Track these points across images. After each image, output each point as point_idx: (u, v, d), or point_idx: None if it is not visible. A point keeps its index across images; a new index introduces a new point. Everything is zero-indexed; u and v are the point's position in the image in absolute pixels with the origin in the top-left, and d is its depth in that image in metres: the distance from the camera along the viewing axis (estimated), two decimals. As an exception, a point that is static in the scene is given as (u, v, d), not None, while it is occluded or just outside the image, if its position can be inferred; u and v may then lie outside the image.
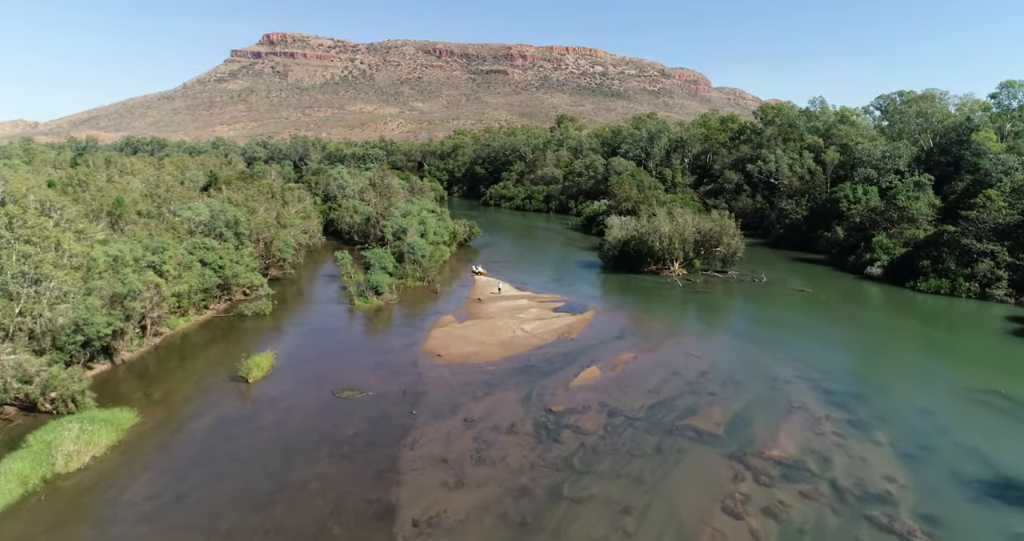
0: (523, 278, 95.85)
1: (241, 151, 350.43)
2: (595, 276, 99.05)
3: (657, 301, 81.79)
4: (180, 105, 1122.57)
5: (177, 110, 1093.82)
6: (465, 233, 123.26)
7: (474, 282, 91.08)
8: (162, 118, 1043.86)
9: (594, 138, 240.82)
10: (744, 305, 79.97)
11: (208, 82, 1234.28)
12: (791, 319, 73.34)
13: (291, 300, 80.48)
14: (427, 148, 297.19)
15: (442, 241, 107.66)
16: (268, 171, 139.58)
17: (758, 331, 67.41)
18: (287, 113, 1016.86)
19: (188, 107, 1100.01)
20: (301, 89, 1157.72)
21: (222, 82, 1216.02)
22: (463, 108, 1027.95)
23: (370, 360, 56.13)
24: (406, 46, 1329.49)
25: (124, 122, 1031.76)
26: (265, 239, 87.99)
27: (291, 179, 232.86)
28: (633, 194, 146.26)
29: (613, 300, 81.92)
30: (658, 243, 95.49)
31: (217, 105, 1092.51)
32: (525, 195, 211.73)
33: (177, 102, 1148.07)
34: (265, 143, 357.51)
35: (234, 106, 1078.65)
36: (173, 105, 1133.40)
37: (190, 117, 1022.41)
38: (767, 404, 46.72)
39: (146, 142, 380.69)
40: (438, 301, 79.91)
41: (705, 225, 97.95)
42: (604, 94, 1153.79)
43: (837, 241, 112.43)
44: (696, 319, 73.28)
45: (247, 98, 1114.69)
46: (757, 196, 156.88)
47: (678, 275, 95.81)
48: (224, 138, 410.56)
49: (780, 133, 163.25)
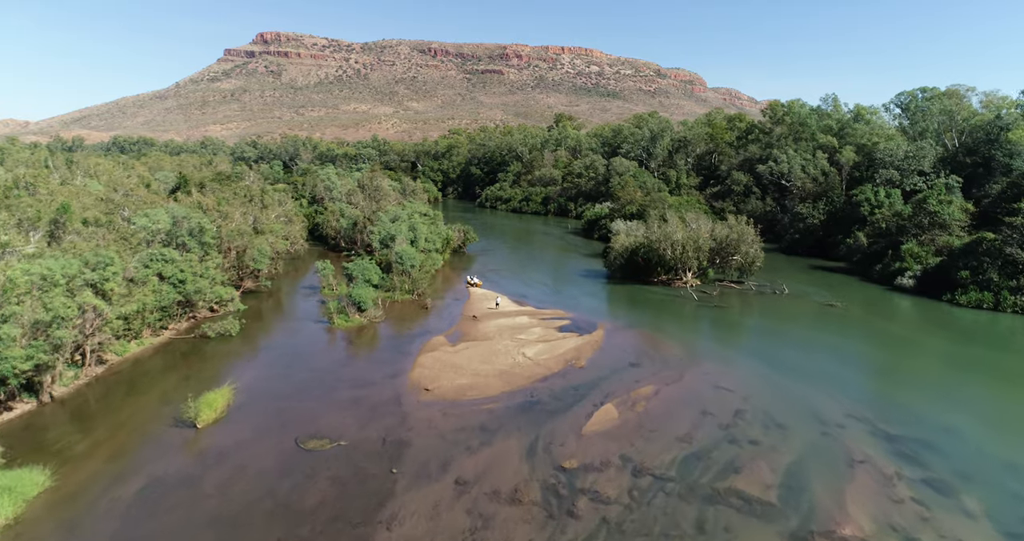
0: (522, 290, 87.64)
1: (230, 151, 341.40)
2: (601, 287, 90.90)
3: (671, 317, 73.64)
4: (172, 104, 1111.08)
5: (169, 109, 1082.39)
6: (459, 239, 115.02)
7: (469, 295, 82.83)
8: (154, 117, 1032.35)
9: (593, 138, 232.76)
10: (769, 322, 71.84)
11: (201, 81, 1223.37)
12: (825, 340, 65.22)
13: (265, 316, 72.05)
14: (421, 148, 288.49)
15: (434, 248, 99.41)
16: (246, 172, 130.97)
17: (791, 356, 59.27)
18: (281, 113, 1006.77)
19: (180, 106, 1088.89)
20: (295, 88, 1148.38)
21: (215, 81, 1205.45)
22: (458, 108, 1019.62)
23: (346, 395, 47.79)
24: (401, 45, 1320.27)
25: (116, 121, 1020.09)
26: (238, 248, 79.56)
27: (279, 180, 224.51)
28: (638, 197, 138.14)
29: (623, 316, 73.71)
30: (670, 251, 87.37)
31: (210, 104, 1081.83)
32: (522, 197, 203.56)
33: (169, 101, 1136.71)
34: (255, 143, 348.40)
35: (227, 105, 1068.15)
36: (165, 104, 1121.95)
37: (182, 116, 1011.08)
38: (822, 456, 38.57)
39: (133, 141, 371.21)
40: (429, 318, 71.60)
41: (721, 232, 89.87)
42: (600, 94, 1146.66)
43: (860, 248, 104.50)
44: (719, 340, 65.08)
45: (240, 97, 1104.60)
46: (767, 199, 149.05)
47: (691, 286, 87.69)
48: (214, 138, 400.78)
49: (791, 132, 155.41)
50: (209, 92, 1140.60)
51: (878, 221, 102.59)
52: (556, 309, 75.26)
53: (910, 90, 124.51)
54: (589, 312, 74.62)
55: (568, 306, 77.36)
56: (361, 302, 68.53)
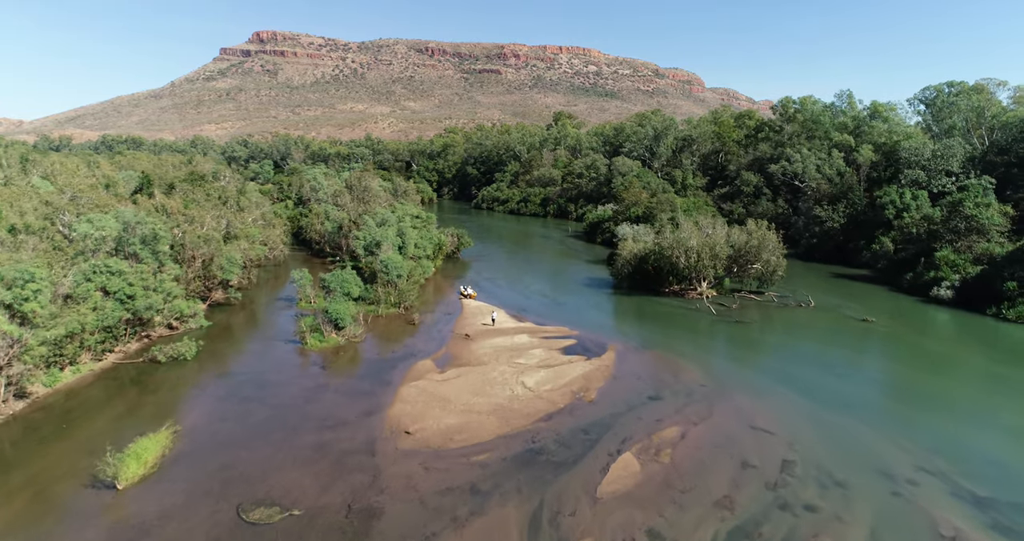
0: (521, 301, 79.53)
1: (221, 150, 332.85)
2: (607, 298, 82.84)
3: (688, 334, 65.55)
4: (167, 104, 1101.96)
5: (164, 109, 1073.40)
6: (452, 244, 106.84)
7: (462, 308, 74.65)
8: (149, 117, 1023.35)
9: (594, 137, 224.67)
10: (799, 341, 63.74)
11: (196, 80, 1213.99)
12: (867, 363, 57.21)
13: (231, 334, 63.80)
14: (416, 147, 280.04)
15: (425, 255, 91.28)
16: (223, 172, 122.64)
17: (832, 384, 51.18)
18: (276, 112, 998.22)
19: (175, 105, 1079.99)
20: (291, 88, 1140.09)
21: (211, 80, 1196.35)
22: (455, 108, 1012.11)
23: (310, 440, 39.61)
24: (398, 45, 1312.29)
25: (110, 121, 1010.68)
26: (204, 256, 71.30)
27: (269, 180, 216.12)
28: (643, 198, 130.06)
29: (634, 333, 65.57)
30: (683, 259, 79.31)
31: (205, 104, 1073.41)
32: (520, 198, 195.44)
33: (164, 101, 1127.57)
34: (246, 142, 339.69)
35: (222, 105, 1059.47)
36: (160, 104, 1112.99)
37: (177, 116, 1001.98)
38: (901, 531, 30.51)
39: (121, 140, 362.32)
40: (416, 336, 63.40)
41: (739, 238, 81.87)
42: (598, 94, 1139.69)
43: (885, 255, 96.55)
44: (745, 363, 56.92)
45: (236, 97, 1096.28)
46: (779, 200, 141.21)
47: (707, 298, 79.62)
48: (204, 136, 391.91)
49: (803, 131, 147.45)
50: (204, 91, 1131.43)
51: (907, 225, 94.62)
52: (559, 325, 67.13)
53: (936, 85, 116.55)
54: (596, 328, 66.53)
55: (572, 321, 69.24)
56: (338, 319, 60.34)
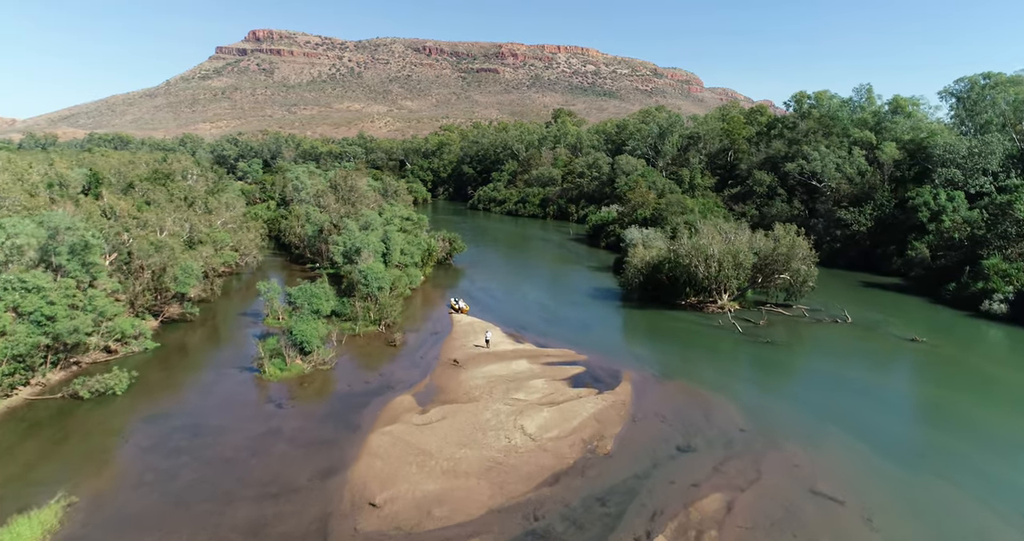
0: (519, 315, 70.36)
1: (210, 148, 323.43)
2: (615, 311, 73.75)
3: (714, 358, 56.42)
4: (162, 102, 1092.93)
5: (159, 108, 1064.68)
6: (444, 249, 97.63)
7: (451, 325, 65.41)
8: (143, 116, 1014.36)
9: (595, 134, 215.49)
10: (845, 367, 54.55)
11: (192, 79, 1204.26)
12: (934, 400, 48.02)
13: (179, 359, 54.49)
14: (410, 146, 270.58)
15: (412, 262, 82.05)
16: (191, 169, 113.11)
17: (899, 428, 42.05)
18: (272, 111, 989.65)
19: (170, 104, 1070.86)
20: (287, 87, 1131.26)
21: (206, 79, 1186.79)
22: (453, 107, 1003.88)
23: (243, 517, 30.36)
24: (395, 44, 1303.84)
25: (104, 120, 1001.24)
26: (156, 265, 62.03)
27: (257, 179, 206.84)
28: (651, 199, 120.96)
29: (651, 357, 56.41)
30: (703, 268, 70.17)
31: (200, 103, 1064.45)
32: (518, 198, 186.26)
33: (159, 99, 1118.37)
34: (236, 140, 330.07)
35: (218, 104, 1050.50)
36: (155, 102, 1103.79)
37: (172, 115, 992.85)
38: None
39: (108, 138, 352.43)
40: (396, 361, 54.16)
41: (765, 245, 72.76)
42: (596, 93, 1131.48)
43: (922, 262, 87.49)
44: (789, 398, 47.60)
45: (231, 96, 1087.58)
46: (794, 201, 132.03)
47: (730, 312, 70.48)
48: (193, 135, 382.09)
49: (820, 127, 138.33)
50: (200, 90, 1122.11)
51: (947, 230, 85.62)
52: (563, 347, 57.93)
53: (971, 75, 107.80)
54: (606, 350, 57.36)
55: (578, 341, 60.06)
56: (304, 341, 51.07)
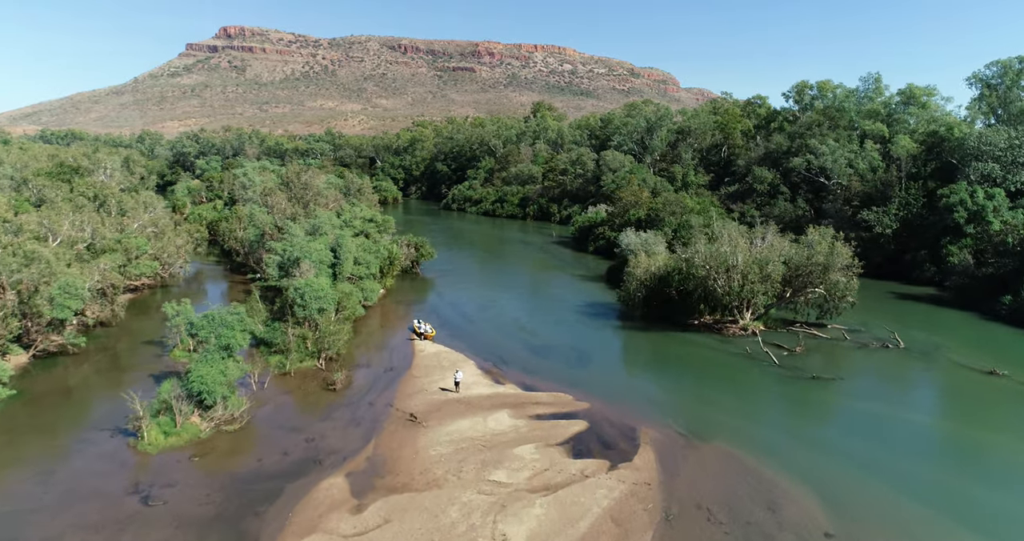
0: (497, 340, 56.84)
1: (170, 146, 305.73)
2: (615, 334, 60.61)
3: (755, 403, 43.39)
4: (129, 100, 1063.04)
5: (125, 105, 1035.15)
6: (409, 257, 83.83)
7: (412, 356, 51.63)
8: (108, 113, 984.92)
9: (577, 130, 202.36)
10: (931, 418, 41.73)
11: (161, 77, 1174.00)
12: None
13: (33, 416, 40.05)
14: (380, 142, 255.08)
15: (369, 274, 68.07)
16: (102, 163, 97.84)
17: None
18: (243, 109, 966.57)
19: (137, 102, 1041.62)
20: (259, 84, 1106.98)
21: (175, 76, 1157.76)
22: (429, 105, 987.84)
23: None
24: (370, 42, 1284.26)
25: (68, 117, 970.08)
26: (28, 284, 47.56)
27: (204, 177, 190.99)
28: (645, 198, 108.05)
29: (672, 402, 43.18)
30: (723, 281, 57.19)
31: (168, 100, 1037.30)
32: (496, 197, 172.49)
33: (126, 97, 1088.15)
34: (197, 136, 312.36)
35: (187, 101, 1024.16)
36: (121, 100, 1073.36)
37: (138, 112, 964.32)
38: None
39: (61, 135, 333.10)
40: (333, 414, 40.26)
41: (797, 254, 59.99)
42: (573, 93, 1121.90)
43: (966, 270, 75.44)
44: (881, 470, 34.35)
45: (201, 93, 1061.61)
46: (798, 200, 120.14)
47: (756, 334, 57.61)
48: (152, 131, 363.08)
49: (825, 119, 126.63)
50: (168, 87, 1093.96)
51: (997, 233, 73.66)
52: (555, 389, 44.46)
53: (1003, 59, 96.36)
54: (611, 392, 44.10)
55: (574, 379, 46.71)
56: (203, 392, 37.10)
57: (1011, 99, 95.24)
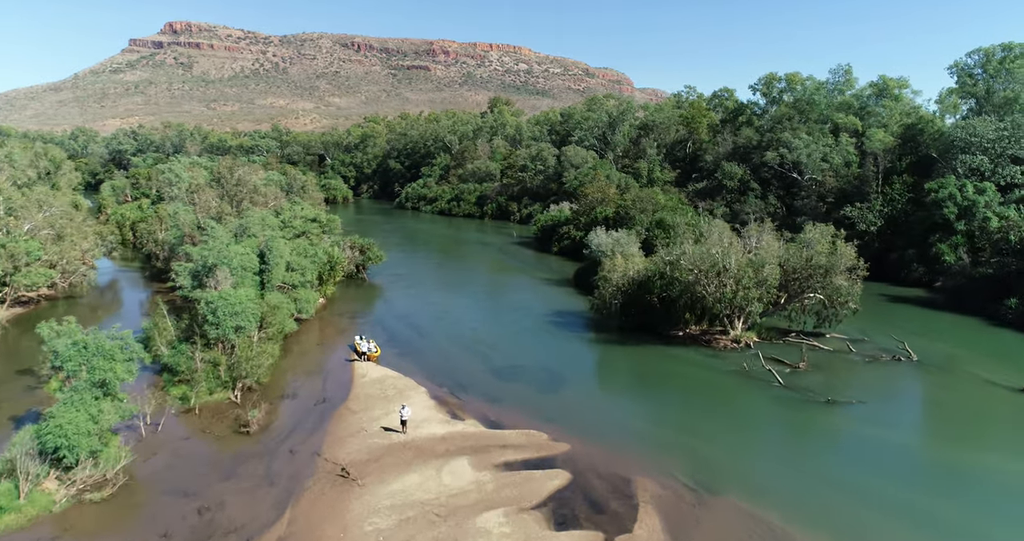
0: (454, 360, 48.36)
1: (105, 143, 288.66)
2: (590, 348, 52.79)
3: (766, 437, 35.97)
4: (68, 97, 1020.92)
5: (64, 102, 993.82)
6: (353, 260, 74.75)
7: (351, 382, 42.81)
8: (46, 110, 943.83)
9: (536, 125, 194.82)
10: (980, 455, 34.81)
11: (102, 73, 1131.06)
12: None
13: None
14: (330, 139, 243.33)
15: (305, 281, 58.83)
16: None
17: None
18: (190, 106, 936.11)
19: (77, 99, 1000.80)
20: (207, 82, 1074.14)
21: (118, 73, 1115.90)
22: (383, 104, 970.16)
23: None
24: (322, 39, 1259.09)
25: (2, 115, 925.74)
26: None
27: (129, 174, 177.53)
28: (613, 195, 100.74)
29: (668, 439, 35.36)
30: (714, 287, 49.78)
31: (110, 97, 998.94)
32: (452, 195, 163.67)
33: (65, 93, 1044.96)
34: (134, 133, 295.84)
35: (130, 98, 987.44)
36: (60, 97, 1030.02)
37: (78, 110, 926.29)
38: None
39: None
40: (241, 469, 31.28)
41: (795, 253, 52.97)
42: (529, 92, 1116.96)
43: (962, 270, 69.79)
44: (952, 531, 27.17)
45: (145, 90, 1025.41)
46: (769, 197, 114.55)
47: (749, 346, 50.43)
48: (87, 128, 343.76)
49: (796, 112, 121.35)
50: (110, 84, 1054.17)
51: (995, 231, 68.12)
52: (525, 424, 36.24)
53: (986, 47, 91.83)
54: (594, 427, 36.14)
55: (547, 409, 38.59)
56: (62, 448, 27.81)
57: (994, 89, 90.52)
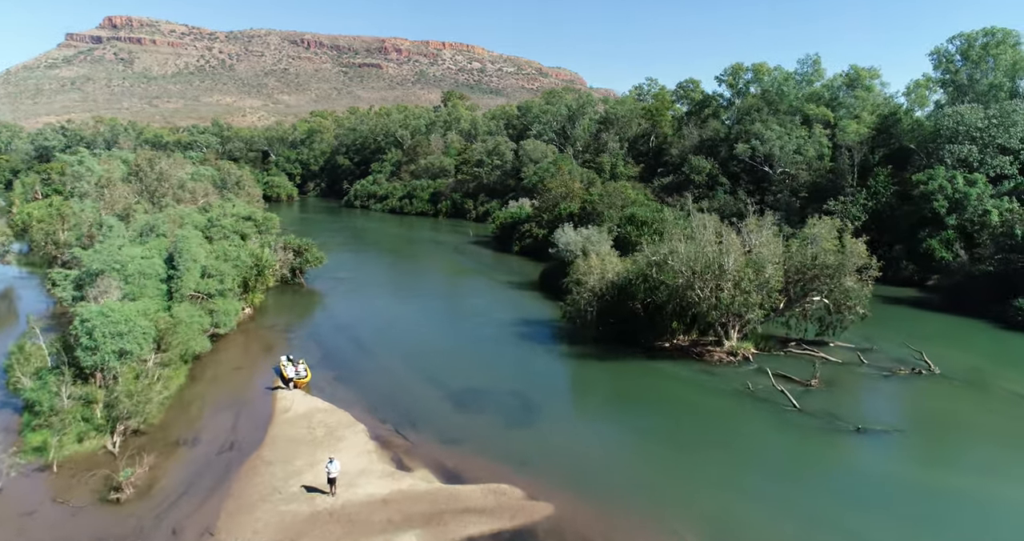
0: (401, 385, 39.87)
1: (31, 138, 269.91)
2: (562, 365, 44.98)
3: (792, 479, 28.56)
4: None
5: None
6: (287, 262, 65.50)
7: (269, 419, 34.02)
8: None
9: (492, 120, 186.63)
10: None
11: (37, 68, 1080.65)
12: None
13: None
14: (275, 134, 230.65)
15: (223, 289, 49.53)
16: None
17: None
18: (130, 104, 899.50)
19: (8, 95, 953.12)
20: (148, 78, 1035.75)
21: (53, 68, 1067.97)
22: (334, 102, 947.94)
23: None
24: (270, 36, 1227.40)
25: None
26: None
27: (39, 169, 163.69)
28: (578, 190, 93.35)
29: (673, 492, 27.71)
30: (710, 291, 42.43)
31: (45, 94, 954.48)
32: (404, 193, 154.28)
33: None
34: (63, 128, 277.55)
35: (66, 95, 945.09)
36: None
37: (9, 107, 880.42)
38: None
39: None
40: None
41: (799, 252, 46.04)
42: (483, 91, 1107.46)
43: (961, 267, 64.21)
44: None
45: (83, 86, 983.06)
46: (739, 192, 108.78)
47: (746, 359, 43.34)
48: (11, 123, 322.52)
49: (764, 104, 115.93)
50: (45, 80, 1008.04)
51: (995, 226, 62.69)
52: (494, 477, 28.13)
53: (967, 32, 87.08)
54: (581, 479, 28.22)
55: (521, 453, 30.55)
56: None
57: (977, 76, 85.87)
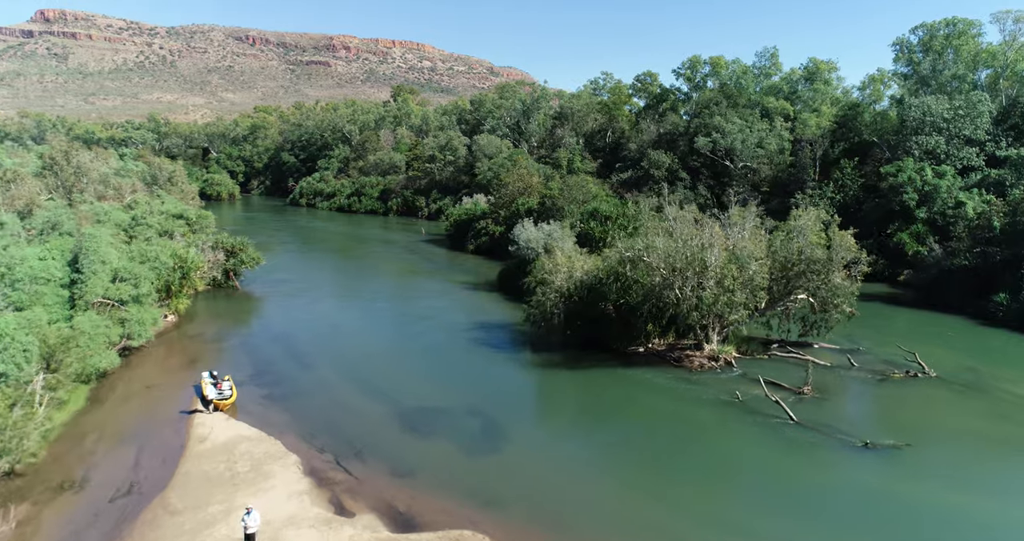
0: (344, 405, 34.51)
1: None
2: (526, 376, 40.24)
3: (807, 512, 24.34)
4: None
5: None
6: (217, 264, 59.16)
7: (182, 451, 28.30)
8: None
9: (444, 115, 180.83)
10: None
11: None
12: None
13: None
14: (215, 130, 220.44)
15: (137, 296, 43.23)
16: None
17: None
18: (65, 101, 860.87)
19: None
20: (84, 74, 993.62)
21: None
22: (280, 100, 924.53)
23: None
24: (213, 32, 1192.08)
25: None
26: None
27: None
28: (536, 184, 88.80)
29: (667, 534, 23.22)
30: (690, 291, 38.21)
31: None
32: (352, 190, 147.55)
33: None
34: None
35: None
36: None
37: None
38: None
39: None
40: None
41: (783, 246, 42.25)
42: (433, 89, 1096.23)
43: (936, 262, 61.70)
44: None
45: (13, 83, 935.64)
46: (699, 187, 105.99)
47: (728, 364, 39.32)
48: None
49: (723, 97, 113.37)
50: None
51: (972, 219, 60.32)
52: (453, 521, 23.14)
53: (930, 22, 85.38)
54: (555, 520, 23.47)
55: (484, 488, 25.63)
56: None
57: (939, 67, 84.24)
